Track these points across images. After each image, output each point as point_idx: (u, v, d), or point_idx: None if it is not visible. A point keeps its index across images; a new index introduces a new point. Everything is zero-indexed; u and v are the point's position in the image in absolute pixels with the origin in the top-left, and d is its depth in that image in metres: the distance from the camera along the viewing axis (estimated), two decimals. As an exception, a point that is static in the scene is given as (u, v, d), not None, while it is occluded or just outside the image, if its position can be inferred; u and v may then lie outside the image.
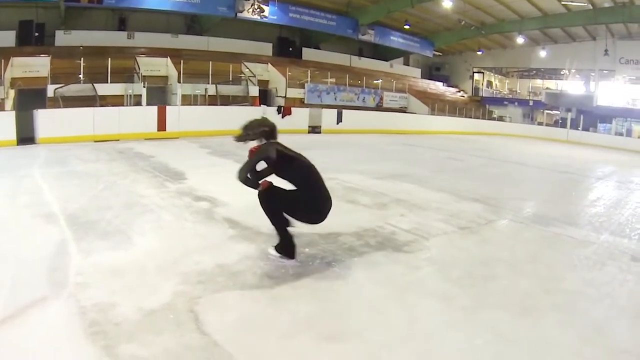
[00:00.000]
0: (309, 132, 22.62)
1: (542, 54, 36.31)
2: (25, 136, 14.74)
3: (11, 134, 14.30)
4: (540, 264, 5.19)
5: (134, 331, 3.32)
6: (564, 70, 38.21)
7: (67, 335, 3.28)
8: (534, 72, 42.81)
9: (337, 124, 24.58)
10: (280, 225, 4.76)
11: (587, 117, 34.32)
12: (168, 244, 5.27)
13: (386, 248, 5.38)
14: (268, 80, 26.48)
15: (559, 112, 38.01)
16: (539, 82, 43.42)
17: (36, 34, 22.77)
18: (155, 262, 4.64)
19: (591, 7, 27.54)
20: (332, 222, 6.18)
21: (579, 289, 4.59)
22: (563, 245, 6.06)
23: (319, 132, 23.27)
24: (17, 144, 14.32)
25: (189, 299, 3.82)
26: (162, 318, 3.50)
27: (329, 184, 8.73)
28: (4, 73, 16.92)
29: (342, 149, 17.10)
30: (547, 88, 41.17)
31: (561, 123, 36.10)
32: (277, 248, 4.88)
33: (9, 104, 16.45)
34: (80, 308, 3.60)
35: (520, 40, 34.06)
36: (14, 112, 15.04)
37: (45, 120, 15.27)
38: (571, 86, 38.34)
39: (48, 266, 4.46)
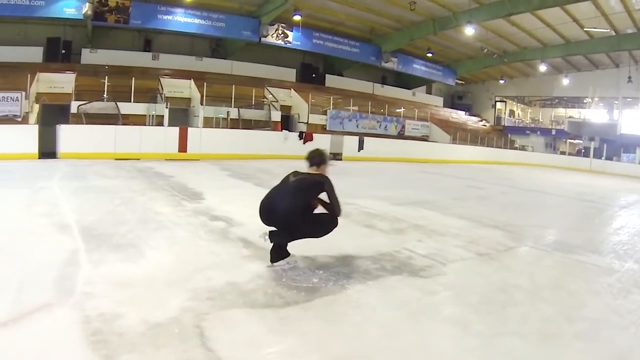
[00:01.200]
0: (330, 159, 22.51)
1: (565, 82, 36.09)
2: (47, 150, 14.95)
3: (33, 147, 14.51)
4: (562, 290, 5.01)
5: (137, 343, 3.23)
6: (587, 99, 37.91)
7: (68, 342, 3.22)
8: (557, 100, 42.68)
9: (359, 151, 24.59)
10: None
11: (611, 146, 33.90)
12: (180, 259, 5.20)
13: (402, 272, 5.25)
14: (290, 106, 26.67)
15: (581, 141, 37.68)
16: (561, 111, 43.25)
17: (63, 51, 23.37)
18: (165, 276, 4.57)
19: (614, 34, 27.37)
20: (348, 245, 6.14)
21: (603, 316, 4.40)
22: (586, 273, 5.86)
23: (340, 159, 23.25)
24: (39, 158, 14.52)
25: (196, 315, 3.72)
26: (167, 332, 3.40)
27: (347, 209, 8.72)
28: (30, 87, 17.26)
29: (362, 176, 17.04)
30: (569, 117, 40.93)
31: (584, 152, 35.76)
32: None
33: (33, 118, 16.76)
34: (85, 317, 3.54)
35: (542, 68, 33.95)
36: (37, 126, 15.29)
37: (68, 135, 15.49)
38: (594, 115, 38.08)
39: (57, 274, 4.44)
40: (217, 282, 4.50)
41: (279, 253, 5.10)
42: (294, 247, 5.15)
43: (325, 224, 5.21)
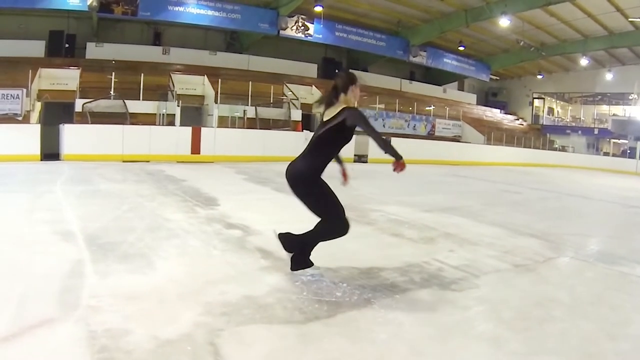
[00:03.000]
0: (354, 161, 22.58)
1: (608, 77, 35.73)
2: (50, 152, 15.13)
3: (35, 148, 14.68)
4: (604, 305, 4.93)
5: (146, 361, 3.24)
6: (632, 95, 37.43)
7: (73, 359, 3.22)
8: (599, 97, 42.24)
9: (385, 153, 24.42)
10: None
11: (659, 147, 33.36)
12: (192, 271, 5.21)
13: (432, 285, 5.21)
14: (312, 104, 26.56)
15: (627, 141, 37.16)
16: (604, 108, 42.77)
17: (66, 46, 23.61)
18: (176, 289, 4.58)
19: (661, 24, 26.98)
20: (374, 256, 6.13)
21: (649, 335, 4.34)
22: (631, 286, 5.77)
23: (366, 162, 23.21)
24: (41, 160, 14.69)
25: (210, 331, 3.71)
26: (178, 349, 3.40)
27: (373, 216, 8.66)
28: (31, 84, 17.42)
29: (390, 179, 16.91)
30: (613, 115, 40.48)
31: (630, 153, 35.17)
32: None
33: (34, 117, 16.87)
34: (90, 332, 3.54)
35: (584, 62, 33.62)
36: (39, 126, 15.44)
37: (72, 136, 15.64)
38: (640, 112, 37.56)
39: (60, 286, 4.46)
40: (233, 295, 4.50)
41: (299, 261, 5.09)
42: (317, 258, 5.14)
43: (330, 210, 4.93)
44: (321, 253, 5.15)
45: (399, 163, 4.93)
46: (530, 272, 6.00)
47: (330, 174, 5.03)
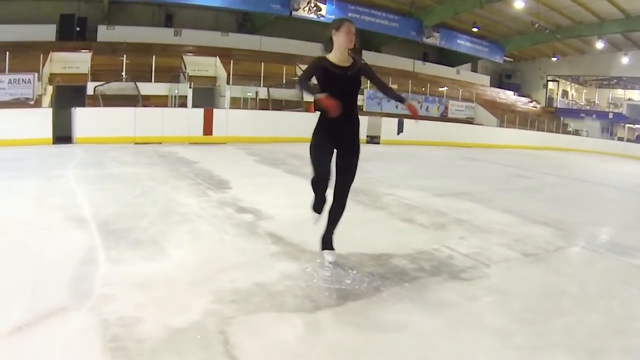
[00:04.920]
0: (367, 142, 22.53)
1: (624, 60, 35.31)
2: (62, 135, 15.20)
3: (47, 132, 14.75)
4: (613, 299, 4.92)
5: (158, 350, 3.29)
6: (648, 79, 37.05)
7: (86, 349, 3.28)
8: (615, 81, 41.72)
9: (398, 134, 24.43)
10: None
11: (674, 133, 33.08)
12: (204, 257, 5.27)
13: (441, 274, 5.23)
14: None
15: (641, 126, 36.89)
16: (620, 93, 42.27)
17: (77, 29, 23.51)
18: (188, 276, 4.64)
19: (681, 7, 26.60)
20: (385, 242, 6.15)
21: (657, 330, 4.34)
22: (640, 279, 5.78)
23: (378, 143, 23.21)
24: (53, 143, 14.78)
25: (220, 319, 3.77)
26: (189, 338, 3.46)
27: (385, 200, 8.69)
28: (43, 68, 17.49)
29: (402, 162, 17.00)
30: (629, 99, 40.09)
31: (645, 139, 34.95)
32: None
33: (46, 100, 16.97)
34: (103, 321, 3.61)
35: (599, 45, 33.22)
36: (51, 110, 15.54)
37: (84, 119, 15.71)
38: (656, 98, 37.22)
39: (73, 274, 4.53)
40: (243, 282, 4.55)
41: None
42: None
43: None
44: (333, 238, 5.18)
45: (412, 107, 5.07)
46: (540, 262, 6.01)
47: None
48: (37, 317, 3.61)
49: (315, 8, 26.71)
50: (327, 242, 5.20)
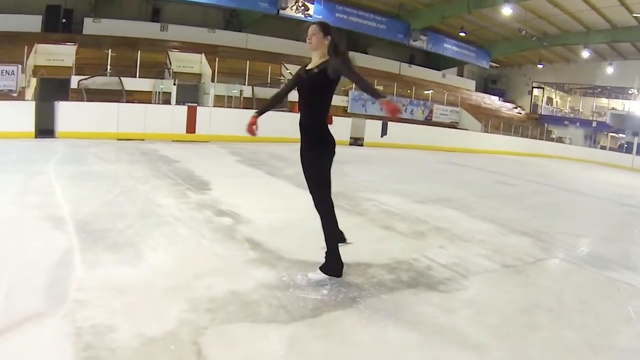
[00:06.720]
0: (350, 144, 22.63)
1: (609, 70, 35.65)
2: (45, 128, 15.08)
3: (30, 125, 14.64)
4: (590, 314, 4.96)
5: (130, 360, 3.28)
6: (632, 90, 37.39)
7: (58, 357, 3.26)
8: (599, 90, 42.17)
9: (382, 136, 24.54)
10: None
11: (656, 143, 33.40)
12: (180, 262, 5.24)
13: (419, 285, 5.24)
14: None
15: (624, 136, 37.21)
16: (604, 102, 42.80)
17: (63, 21, 23.41)
18: (164, 282, 4.61)
19: (665, 20, 26.94)
20: (364, 250, 6.14)
21: (632, 345, 4.34)
22: (618, 294, 5.78)
23: (361, 145, 23.27)
24: (35, 137, 14.65)
25: (194, 329, 3.75)
26: (162, 348, 3.44)
27: (365, 205, 8.69)
28: (27, 60, 17.34)
29: (385, 165, 17.05)
30: (612, 108, 40.50)
31: (626, 148, 35.10)
32: (324, 268, 4.94)
33: (29, 93, 16.82)
34: (77, 329, 3.58)
35: (585, 54, 33.57)
36: (34, 103, 15.40)
37: (67, 113, 15.61)
38: (639, 107, 37.54)
39: (48, 277, 4.48)
40: (219, 290, 4.53)
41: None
42: (308, 250, 5.15)
43: (319, 181, 4.89)
44: (310, 245, 5.18)
45: (388, 103, 4.21)
46: (519, 274, 6.03)
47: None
48: (10, 324, 3.57)
49: (302, 7, 26.72)
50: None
